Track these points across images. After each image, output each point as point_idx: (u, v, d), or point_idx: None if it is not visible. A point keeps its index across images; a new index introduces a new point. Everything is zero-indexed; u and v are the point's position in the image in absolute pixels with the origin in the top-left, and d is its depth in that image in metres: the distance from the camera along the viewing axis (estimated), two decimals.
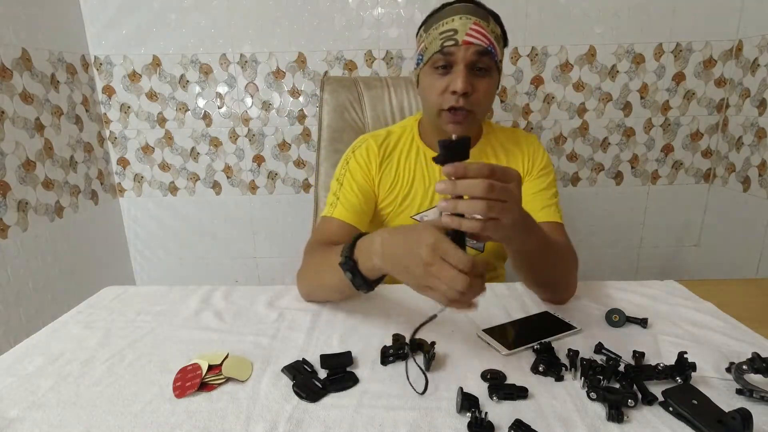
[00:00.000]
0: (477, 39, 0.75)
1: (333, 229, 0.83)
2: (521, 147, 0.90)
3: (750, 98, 1.59)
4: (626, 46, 1.63)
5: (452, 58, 0.76)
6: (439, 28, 0.77)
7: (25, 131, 1.35)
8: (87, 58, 1.62)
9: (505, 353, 0.59)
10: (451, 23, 0.76)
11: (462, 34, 0.75)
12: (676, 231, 1.85)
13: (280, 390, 0.53)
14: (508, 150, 0.90)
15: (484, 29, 0.76)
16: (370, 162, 0.89)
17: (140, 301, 0.78)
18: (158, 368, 0.57)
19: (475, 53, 0.75)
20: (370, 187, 0.89)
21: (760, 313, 0.70)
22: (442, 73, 0.78)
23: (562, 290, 0.73)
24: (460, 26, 0.75)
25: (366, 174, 0.89)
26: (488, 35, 0.76)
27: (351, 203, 0.85)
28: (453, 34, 0.75)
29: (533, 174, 0.88)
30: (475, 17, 0.76)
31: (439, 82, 0.78)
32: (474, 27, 0.75)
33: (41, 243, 1.41)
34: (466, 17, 0.75)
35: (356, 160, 0.89)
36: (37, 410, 0.50)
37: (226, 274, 1.89)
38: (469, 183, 0.49)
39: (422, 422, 0.47)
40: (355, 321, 0.69)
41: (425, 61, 0.80)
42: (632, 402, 0.48)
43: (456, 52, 0.75)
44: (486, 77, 0.78)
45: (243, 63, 1.64)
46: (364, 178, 0.88)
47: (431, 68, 0.79)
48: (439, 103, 0.79)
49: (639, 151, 1.76)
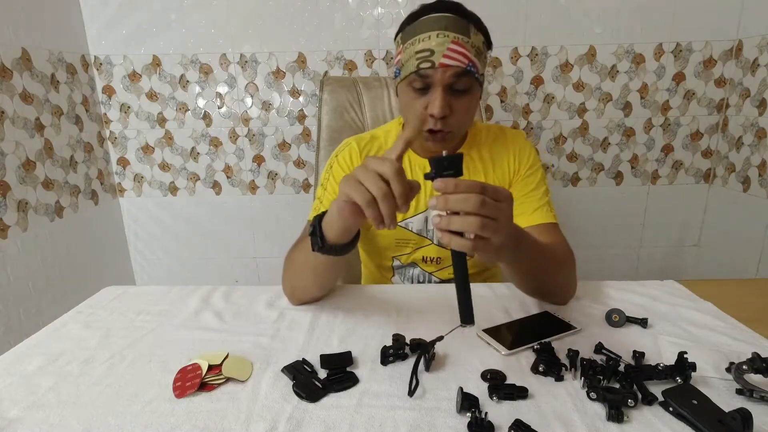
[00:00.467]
0: (455, 60, 0.70)
1: None
2: (507, 147, 0.88)
3: (750, 98, 1.59)
4: (626, 46, 1.63)
5: (428, 80, 0.72)
6: (416, 45, 0.72)
7: (25, 131, 1.35)
8: (87, 58, 1.63)
9: (505, 353, 0.59)
10: (428, 42, 0.71)
11: (439, 56, 0.70)
12: (676, 231, 1.85)
13: (280, 390, 0.53)
14: (493, 152, 0.88)
15: (464, 47, 0.71)
16: (353, 165, 0.86)
17: (140, 301, 0.77)
18: (158, 368, 0.57)
19: (453, 75, 0.71)
20: None
21: (760, 313, 0.70)
22: (419, 93, 0.75)
23: (561, 293, 0.73)
24: (436, 46, 0.70)
25: None
26: (468, 53, 0.71)
27: None
28: (429, 56, 0.71)
29: (521, 173, 0.86)
30: (454, 33, 0.71)
31: (417, 102, 0.75)
32: (452, 47, 0.70)
33: (41, 243, 1.41)
34: (443, 35, 0.70)
35: (339, 164, 0.87)
36: (37, 410, 0.50)
37: (226, 274, 1.89)
38: (461, 197, 0.48)
39: (422, 422, 0.47)
40: (355, 321, 0.69)
41: (402, 77, 0.76)
42: (632, 402, 0.48)
43: (432, 74, 0.72)
44: (465, 96, 0.75)
45: (243, 63, 1.64)
46: None
47: (408, 86, 0.76)
48: (418, 123, 0.77)
49: (639, 151, 1.76)
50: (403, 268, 0.93)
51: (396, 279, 0.95)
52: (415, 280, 0.93)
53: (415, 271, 0.92)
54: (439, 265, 0.91)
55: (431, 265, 0.91)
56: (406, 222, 0.88)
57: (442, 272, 0.92)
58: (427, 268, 0.92)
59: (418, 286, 0.84)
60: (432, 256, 0.90)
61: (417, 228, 0.88)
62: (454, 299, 0.75)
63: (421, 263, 0.91)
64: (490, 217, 0.49)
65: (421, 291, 0.80)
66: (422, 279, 0.93)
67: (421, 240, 0.89)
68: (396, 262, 0.93)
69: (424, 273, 0.92)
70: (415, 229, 0.88)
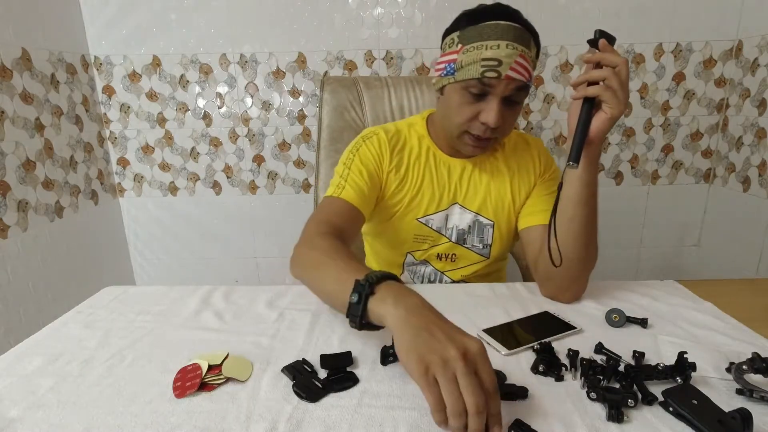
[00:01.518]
0: (520, 74, 0.71)
1: (341, 211, 0.79)
2: (530, 152, 0.90)
3: (750, 98, 1.59)
4: (626, 46, 1.63)
5: (490, 89, 0.72)
6: (482, 51, 0.70)
7: (25, 131, 1.35)
8: (87, 58, 1.63)
9: (505, 353, 0.59)
10: (497, 51, 0.70)
11: (506, 68, 0.70)
12: (676, 231, 1.85)
13: (280, 390, 0.53)
14: (517, 156, 0.90)
15: (528, 61, 0.72)
16: (382, 154, 0.85)
17: (140, 301, 0.77)
18: (158, 368, 0.57)
19: (514, 88, 0.72)
20: (379, 177, 0.85)
21: (760, 313, 0.70)
22: (474, 99, 0.74)
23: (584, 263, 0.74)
24: (505, 57, 0.70)
25: (377, 164, 0.85)
26: (530, 68, 0.72)
27: (359, 187, 0.81)
28: (497, 66, 0.70)
29: (545, 176, 0.90)
30: (521, 46, 0.71)
31: (470, 108, 0.75)
32: (519, 60, 0.70)
33: (41, 243, 1.41)
34: (512, 46, 0.70)
35: (368, 148, 0.85)
36: (37, 410, 0.50)
37: (226, 274, 1.89)
38: (612, 58, 0.63)
39: (422, 422, 0.47)
40: None
41: (458, 79, 0.74)
42: (632, 402, 0.48)
43: (496, 84, 0.71)
44: (516, 107, 0.77)
45: (243, 63, 1.64)
46: (375, 167, 0.84)
47: (463, 89, 0.74)
48: (465, 127, 0.77)
49: (639, 151, 1.76)
50: (414, 266, 0.93)
51: (405, 276, 0.94)
52: (426, 279, 0.93)
53: (427, 269, 0.92)
54: (453, 263, 0.91)
55: (445, 263, 0.91)
56: (427, 218, 0.88)
57: (455, 273, 0.92)
58: (440, 267, 0.92)
59: (419, 287, 0.84)
60: (447, 253, 0.90)
61: (437, 225, 0.88)
62: (456, 300, 0.76)
63: (435, 261, 0.91)
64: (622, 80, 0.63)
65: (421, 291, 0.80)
66: (433, 278, 0.93)
67: (438, 237, 0.89)
68: (409, 257, 0.92)
69: (436, 272, 0.92)
70: (435, 227, 0.88)
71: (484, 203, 0.87)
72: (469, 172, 0.88)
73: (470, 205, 0.88)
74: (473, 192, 0.88)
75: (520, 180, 0.89)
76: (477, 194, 0.88)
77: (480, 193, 0.87)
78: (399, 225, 0.88)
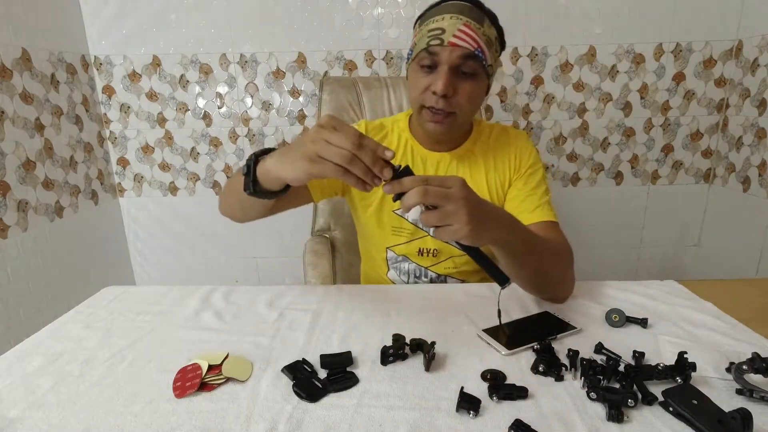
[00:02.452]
0: (464, 41, 0.73)
1: None
2: (509, 146, 0.90)
3: (750, 98, 1.59)
4: (626, 46, 1.63)
5: (437, 58, 0.75)
6: (429, 25, 0.76)
7: (25, 131, 1.35)
8: (87, 58, 1.63)
9: (505, 353, 0.59)
10: (440, 22, 0.74)
11: (449, 35, 0.73)
12: (676, 231, 1.85)
13: (280, 390, 0.53)
14: (495, 150, 0.89)
15: (475, 32, 0.74)
16: None
17: (140, 301, 0.77)
18: (158, 368, 0.57)
19: (460, 56, 0.74)
20: None
21: (760, 313, 0.70)
22: (427, 72, 0.77)
23: (558, 288, 0.73)
24: (448, 26, 0.73)
25: None
26: (478, 38, 0.74)
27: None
28: (440, 34, 0.74)
29: (521, 171, 0.88)
30: (468, 18, 0.74)
31: (423, 80, 0.78)
32: (463, 28, 0.73)
33: (41, 243, 1.41)
34: (456, 17, 0.74)
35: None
36: (37, 410, 0.50)
37: (226, 274, 1.89)
38: (408, 194, 0.53)
39: (422, 422, 0.47)
40: (355, 321, 0.69)
41: (413, 56, 0.79)
42: (632, 402, 0.48)
43: (440, 52, 0.74)
44: (471, 80, 0.77)
45: (243, 63, 1.64)
46: None
47: (417, 65, 0.78)
48: (420, 100, 0.79)
49: (639, 151, 1.76)
50: (398, 263, 0.93)
51: (392, 274, 0.94)
52: (411, 275, 0.93)
53: (410, 266, 0.92)
54: (435, 258, 0.91)
55: (428, 259, 0.91)
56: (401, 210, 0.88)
57: (439, 266, 0.92)
58: (423, 263, 0.91)
59: (419, 287, 0.84)
60: (429, 248, 0.90)
61: (413, 218, 0.89)
62: (454, 299, 0.76)
63: (416, 257, 0.91)
64: (437, 205, 0.53)
65: (421, 291, 0.80)
66: (418, 274, 0.93)
67: (416, 231, 0.90)
68: (390, 253, 0.93)
69: (419, 267, 0.92)
70: (410, 219, 0.89)
71: None
72: (446, 165, 0.89)
73: None
74: None
75: (496, 173, 0.89)
76: None
77: None
78: (378, 217, 0.90)
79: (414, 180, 0.53)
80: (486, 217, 0.56)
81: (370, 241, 0.96)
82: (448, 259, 0.91)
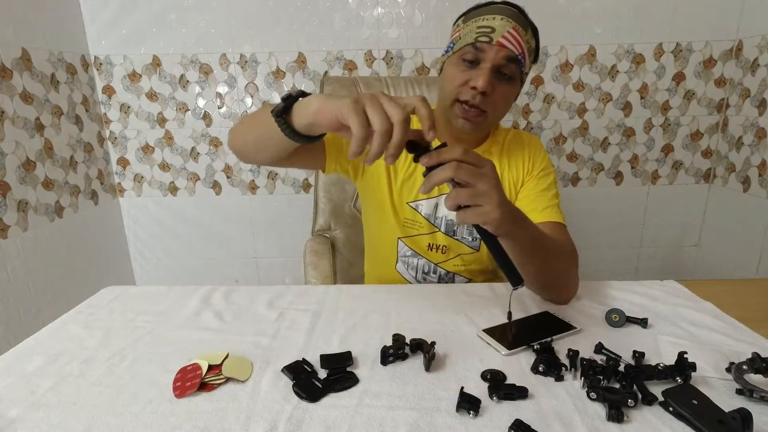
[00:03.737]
0: (511, 44, 0.75)
1: None
2: (523, 148, 0.91)
3: (750, 98, 1.59)
4: (626, 46, 1.63)
5: (482, 54, 0.76)
6: (478, 22, 0.77)
7: (25, 131, 1.35)
8: (87, 58, 1.63)
9: (505, 353, 0.59)
10: (491, 21, 0.76)
11: (498, 35, 0.75)
12: (676, 231, 1.85)
13: (280, 390, 0.53)
14: (510, 151, 0.90)
15: (521, 37, 0.76)
16: None
17: (140, 301, 0.77)
18: (158, 368, 0.57)
19: (505, 57, 0.75)
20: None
21: (760, 313, 0.70)
22: (468, 66, 0.78)
23: (563, 289, 0.73)
24: (499, 26, 0.75)
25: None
26: (522, 44, 0.76)
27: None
28: (490, 32, 0.75)
29: (533, 174, 0.89)
30: (516, 23, 0.76)
31: (462, 75, 0.78)
32: (511, 32, 0.75)
33: (41, 243, 1.41)
34: (507, 19, 0.75)
35: None
36: (37, 410, 0.50)
37: (226, 274, 1.89)
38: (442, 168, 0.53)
39: (422, 422, 0.47)
40: (355, 321, 0.69)
41: (455, 49, 0.79)
42: (632, 402, 0.48)
43: (487, 50, 0.75)
44: (508, 83, 0.79)
45: (243, 63, 1.64)
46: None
47: (459, 59, 0.79)
48: (456, 93, 0.79)
49: (639, 151, 1.76)
50: (407, 258, 0.93)
51: (400, 266, 0.95)
52: (420, 271, 0.94)
53: (420, 261, 0.93)
54: (445, 254, 0.91)
55: (437, 255, 0.91)
56: (417, 203, 0.89)
57: (448, 264, 0.92)
58: (433, 258, 0.92)
59: (418, 286, 0.84)
60: (438, 244, 0.90)
61: (426, 212, 0.90)
62: (454, 299, 0.76)
63: (427, 252, 0.91)
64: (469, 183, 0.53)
65: (421, 291, 0.80)
66: (427, 270, 0.93)
67: (428, 226, 0.90)
68: (400, 244, 0.93)
69: (429, 263, 0.92)
70: (423, 213, 0.90)
71: None
72: None
73: None
74: None
75: (510, 173, 0.90)
76: None
77: None
78: (395, 208, 0.90)
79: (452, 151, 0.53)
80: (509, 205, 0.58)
81: (380, 231, 0.95)
82: (457, 256, 0.92)
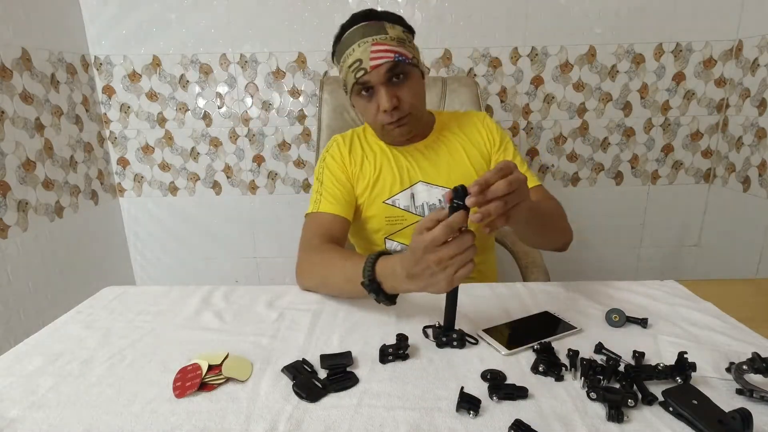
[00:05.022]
0: (382, 58, 0.79)
1: (324, 223, 0.88)
2: (476, 126, 0.96)
3: (750, 98, 1.59)
4: (626, 46, 1.63)
5: (370, 81, 0.81)
6: (347, 61, 0.82)
7: (25, 131, 1.35)
8: (87, 58, 1.63)
9: (505, 353, 0.59)
10: (354, 53, 0.80)
11: (367, 61, 0.79)
12: (676, 231, 1.85)
13: (280, 390, 0.53)
14: (462, 128, 0.96)
15: (385, 43, 0.80)
16: (343, 156, 0.94)
17: (140, 301, 0.78)
18: (158, 368, 0.57)
19: (386, 70, 0.80)
20: (348, 179, 0.93)
21: (760, 313, 0.70)
22: (368, 95, 0.84)
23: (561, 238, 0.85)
24: (362, 53, 0.79)
25: (343, 167, 0.93)
26: (391, 45, 0.80)
27: (334, 196, 0.90)
28: (359, 65, 0.80)
29: (497, 146, 0.94)
30: (372, 36, 0.80)
31: (370, 105, 0.85)
32: (375, 48, 0.79)
33: (41, 243, 1.41)
34: (363, 42, 0.80)
35: (332, 156, 0.94)
36: (37, 410, 0.50)
37: (226, 274, 1.89)
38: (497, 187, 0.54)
39: (422, 422, 0.47)
40: (355, 321, 0.69)
41: (349, 91, 0.86)
42: (632, 402, 0.48)
43: (369, 77, 0.80)
44: (406, 81, 0.83)
45: (243, 63, 1.64)
46: (342, 171, 0.93)
47: (358, 96, 0.85)
48: (378, 122, 0.86)
49: (639, 151, 1.76)
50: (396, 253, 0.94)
51: None
52: None
53: None
54: None
55: None
56: (393, 199, 0.92)
57: None
58: None
59: None
60: None
61: (404, 204, 0.92)
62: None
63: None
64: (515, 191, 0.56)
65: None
66: None
67: (410, 216, 0.92)
68: (390, 243, 0.94)
69: None
70: (402, 206, 0.92)
71: (449, 177, 0.92)
72: (422, 152, 0.94)
73: (435, 180, 0.93)
74: (434, 170, 0.93)
75: (473, 147, 0.95)
76: (439, 170, 0.93)
77: (442, 169, 0.93)
78: (370, 212, 0.93)
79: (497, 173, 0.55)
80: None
81: (368, 239, 0.97)
82: None
